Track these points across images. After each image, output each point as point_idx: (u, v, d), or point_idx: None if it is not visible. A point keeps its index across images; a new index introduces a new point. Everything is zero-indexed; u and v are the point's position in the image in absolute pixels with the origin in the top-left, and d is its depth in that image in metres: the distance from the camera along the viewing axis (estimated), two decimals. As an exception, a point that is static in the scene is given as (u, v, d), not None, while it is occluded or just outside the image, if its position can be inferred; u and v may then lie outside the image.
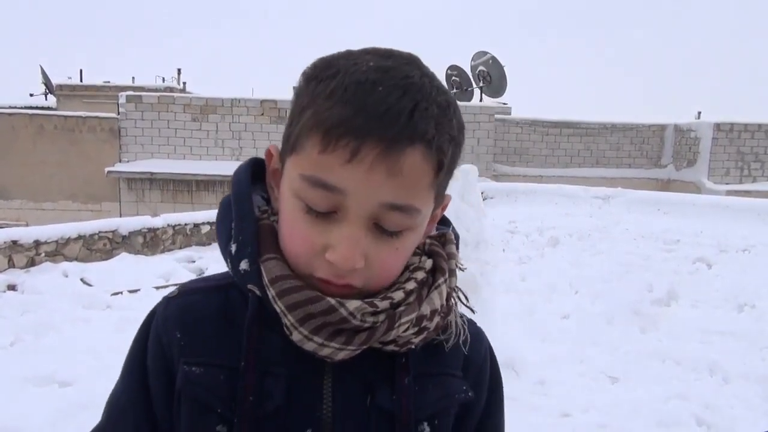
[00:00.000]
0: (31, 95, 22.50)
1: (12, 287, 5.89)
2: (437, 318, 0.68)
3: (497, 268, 4.88)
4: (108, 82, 20.15)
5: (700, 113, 18.00)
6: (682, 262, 7.58)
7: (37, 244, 6.61)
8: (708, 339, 5.11)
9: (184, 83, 22.28)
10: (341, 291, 0.63)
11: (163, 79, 21.51)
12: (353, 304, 0.62)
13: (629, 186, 13.49)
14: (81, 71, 20.92)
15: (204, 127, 14.85)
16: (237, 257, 0.66)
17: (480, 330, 0.79)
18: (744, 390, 4.16)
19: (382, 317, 0.64)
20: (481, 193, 5.13)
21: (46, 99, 22.11)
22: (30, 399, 3.50)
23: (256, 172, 0.73)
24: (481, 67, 17.78)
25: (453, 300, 0.72)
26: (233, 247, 0.67)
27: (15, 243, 6.42)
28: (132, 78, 21.81)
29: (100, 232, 7.26)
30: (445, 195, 0.71)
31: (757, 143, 16.28)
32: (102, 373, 3.53)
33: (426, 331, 0.67)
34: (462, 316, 0.76)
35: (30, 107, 18.93)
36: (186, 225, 8.38)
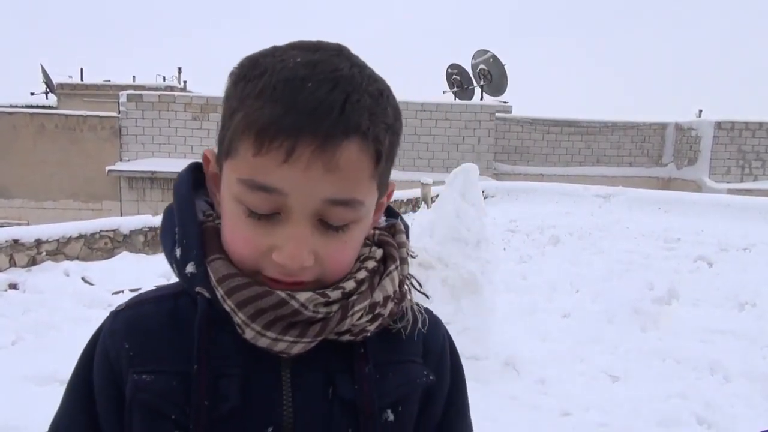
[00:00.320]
0: (32, 94, 22.55)
1: (13, 286, 5.90)
2: (391, 304, 0.68)
3: (498, 266, 4.88)
4: (109, 81, 20.16)
5: (701, 111, 17.99)
6: (682, 260, 7.58)
7: (39, 243, 6.61)
8: (709, 338, 5.11)
9: (184, 82, 22.30)
10: (292, 287, 0.62)
11: (164, 78, 21.53)
12: (304, 295, 0.61)
13: (630, 184, 13.49)
14: (81, 70, 20.95)
15: (205, 126, 14.87)
16: (182, 261, 0.65)
17: (437, 318, 0.79)
18: (745, 389, 4.16)
19: (335, 307, 0.63)
20: (482, 192, 5.13)
21: (46, 98, 22.13)
22: (31, 398, 3.50)
23: (199, 177, 0.71)
24: (482, 66, 17.77)
25: (406, 287, 0.72)
26: (178, 252, 0.66)
27: (16, 242, 6.42)
28: (133, 77, 21.82)
29: (101, 231, 7.26)
30: (390, 182, 0.70)
31: (758, 142, 16.27)
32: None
33: (380, 318, 0.67)
34: (418, 304, 0.75)
35: (31, 106, 18.98)
36: (187, 224, 8.36)
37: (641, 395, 4.00)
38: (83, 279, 6.33)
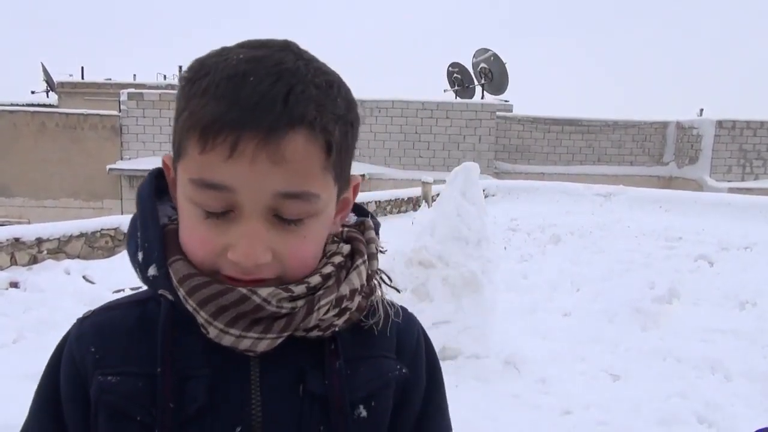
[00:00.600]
0: (33, 93, 22.57)
1: (14, 285, 5.91)
2: (358, 298, 0.67)
3: (498, 265, 4.88)
4: (109, 79, 20.17)
5: (702, 110, 17.97)
6: (683, 259, 7.57)
7: (39, 241, 6.62)
8: (709, 337, 5.11)
9: (185, 81, 22.21)
10: (253, 284, 0.62)
11: (165, 77, 21.52)
12: (266, 290, 0.61)
13: (631, 183, 13.48)
14: (82, 69, 20.94)
15: (205, 125, 14.87)
16: (144, 264, 0.65)
17: (411, 315, 0.78)
18: (745, 388, 4.16)
19: (300, 302, 0.62)
20: (483, 191, 5.13)
21: (47, 96, 22.14)
22: (32, 397, 3.51)
23: (164, 183, 0.71)
24: (483, 65, 17.77)
25: (376, 282, 0.71)
26: (140, 255, 0.66)
27: (17, 240, 6.43)
28: (133, 75, 21.82)
29: (102, 229, 7.27)
30: (353, 176, 0.69)
31: (760, 140, 16.26)
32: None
33: (348, 312, 0.66)
34: (391, 301, 0.75)
35: (31, 105, 18.98)
36: (187, 222, 8.37)
37: (642, 394, 4.00)
38: (84, 277, 6.34)
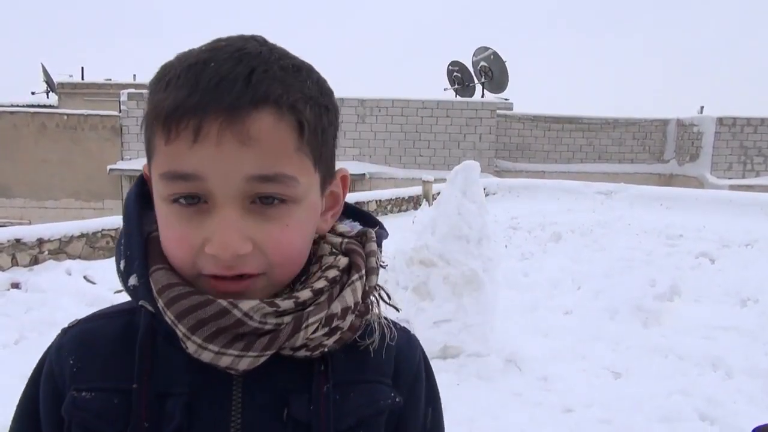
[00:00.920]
0: (33, 93, 22.54)
1: (16, 285, 5.91)
2: (351, 317, 0.62)
3: (499, 264, 4.88)
4: (109, 79, 20.17)
5: (702, 108, 17.93)
6: (684, 257, 7.57)
7: (41, 242, 6.62)
8: (711, 334, 5.11)
9: (185, 81, 22.23)
10: (239, 286, 0.58)
11: (165, 77, 21.46)
12: (248, 304, 0.57)
13: (631, 181, 13.47)
14: (82, 69, 20.96)
15: (206, 125, 14.87)
16: (126, 273, 0.62)
17: (412, 336, 0.74)
18: (747, 385, 4.16)
19: (287, 319, 0.59)
20: (483, 189, 5.13)
21: (47, 97, 22.13)
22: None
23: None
24: (483, 63, 17.75)
25: (373, 299, 0.67)
26: (122, 264, 0.63)
27: (18, 241, 6.43)
28: (133, 75, 21.80)
29: (103, 230, 7.27)
30: (339, 169, 0.66)
31: (760, 138, 16.25)
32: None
33: (339, 332, 0.62)
34: (389, 319, 0.70)
35: (32, 105, 18.98)
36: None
37: (643, 392, 4.00)
38: (85, 278, 6.34)
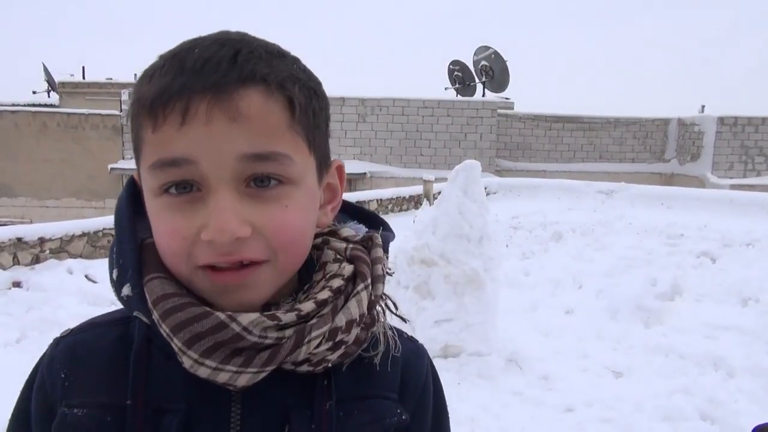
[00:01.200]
0: (34, 93, 22.54)
1: (17, 284, 5.92)
2: (356, 329, 0.60)
3: (500, 263, 4.88)
4: (110, 79, 20.16)
5: (703, 107, 17.91)
6: (686, 256, 7.56)
7: (42, 241, 6.63)
8: (712, 333, 5.11)
9: (186, 80, 22.21)
10: (240, 277, 0.55)
11: (166, 76, 21.46)
12: (248, 317, 0.54)
13: (632, 180, 13.46)
14: (83, 68, 20.95)
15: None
16: (119, 283, 0.59)
17: (420, 347, 0.71)
18: (748, 384, 4.16)
19: (288, 332, 0.56)
20: (484, 189, 5.13)
21: (48, 96, 22.13)
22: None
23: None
24: (484, 62, 17.74)
25: (379, 309, 0.64)
26: (114, 273, 0.60)
27: (20, 240, 6.44)
28: (134, 75, 21.72)
29: (104, 229, 7.28)
30: (333, 159, 0.65)
31: (761, 137, 16.23)
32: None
33: (343, 346, 0.59)
34: (395, 329, 0.68)
35: (33, 105, 18.99)
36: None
37: (644, 391, 4.00)
38: (87, 277, 6.35)
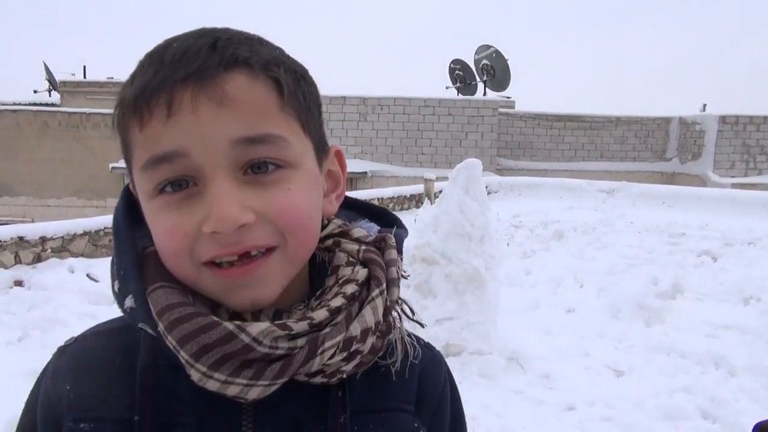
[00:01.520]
0: (35, 92, 22.55)
1: (19, 283, 5.92)
2: (372, 338, 0.57)
3: (501, 262, 4.88)
4: (111, 77, 20.15)
5: (705, 106, 17.89)
6: (687, 255, 7.56)
7: (43, 240, 6.64)
8: (713, 332, 5.11)
9: (187, 79, 22.21)
10: (248, 270, 0.54)
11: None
12: (258, 327, 0.52)
13: (634, 179, 13.45)
14: (84, 67, 20.95)
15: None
16: (122, 294, 0.57)
17: (437, 354, 0.69)
18: (749, 383, 4.16)
19: (300, 342, 0.53)
20: (485, 188, 5.13)
21: (49, 95, 22.15)
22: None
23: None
24: (485, 61, 17.72)
25: (395, 314, 0.62)
26: (116, 285, 0.58)
27: (21, 239, 6.45)
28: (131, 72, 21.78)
29: (105, 228, 7.27)
30: (333, 146, 0.63)
31: (763, 136, 16.20)
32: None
33: (359, 356, 0.57)
34: (413, 336, 0.65)
35: (34, 104, 19.00)
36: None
37: (645, 390, 4.00)
38: (88, 276, 6.35)
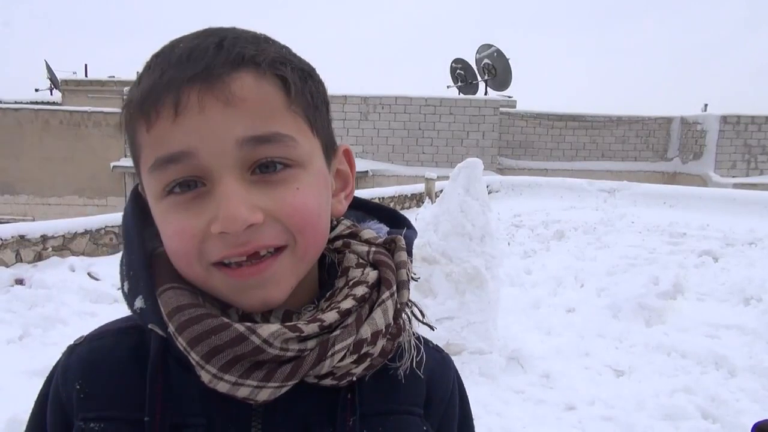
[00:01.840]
0: (37, 90, 22.57)
1: (20, 281, 5.93)
2: (382, 341, 0.57)
3: (502, 261, 4.88)
4: (113, 76, 20.16)
5: (706, 106, 17.89)
6: (688, 255, 7.55)
7: (44, 238, 6.65)
8: (714, 332, 5.10)
9: (188, 78, 22.22)
10: (258, 270, 0.54)
11: (168, 74, 21.46)
12: (268, 329, 0.52)
13: (635, 179, 13.45)
14: (86, 66, 20.97)
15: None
16: (131, 295, 0.57)
17: (446, 357, 0.70)
18: (750, 383, 4.16)
19: (311, 344, 0.53)
20: (486, 187, 5.13)
21: (51, 94, 22.17)
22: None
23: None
24: (486, 60, 17.72)
25: (405, 316, 0.62)
26: (126, 285, 0.58)
27: (22, 238, 6.46)
28: (136, 72, 21.68)
29: (106, 226, 7.29)
30: (341, 144, 0.63)
31: (764, 136, 16.20)
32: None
33: (369, 359, 0.57)
34: (421, 338, 0.65)
35: (35, 102, 19.03)
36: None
37: (646, 389, 4.00)
38: (89, 274, 6.36)
